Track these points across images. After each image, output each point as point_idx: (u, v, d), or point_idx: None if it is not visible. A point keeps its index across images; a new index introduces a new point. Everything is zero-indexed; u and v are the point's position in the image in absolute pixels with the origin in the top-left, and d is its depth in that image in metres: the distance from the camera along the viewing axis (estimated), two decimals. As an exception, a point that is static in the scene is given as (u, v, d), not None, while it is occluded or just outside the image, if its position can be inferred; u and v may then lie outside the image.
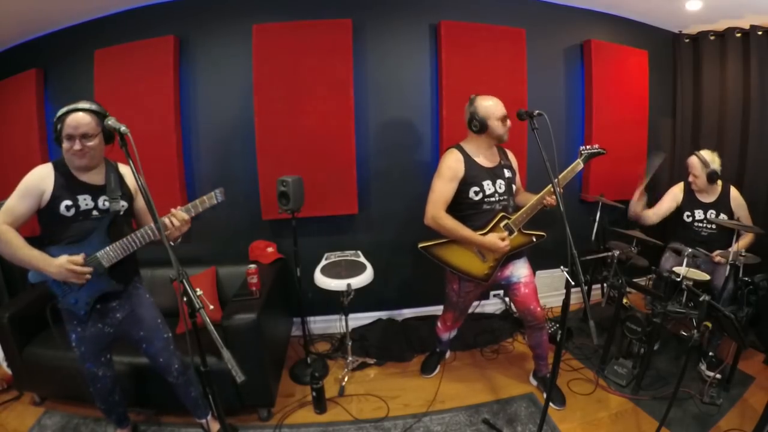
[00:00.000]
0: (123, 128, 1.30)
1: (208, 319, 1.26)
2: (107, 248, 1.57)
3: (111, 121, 1.30)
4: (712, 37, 3.20)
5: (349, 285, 2.33)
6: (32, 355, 2.18)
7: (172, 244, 1.38)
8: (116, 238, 1.58)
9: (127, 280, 1.75)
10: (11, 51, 2.77)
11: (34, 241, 1.56)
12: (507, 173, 2.12)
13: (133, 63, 2.63)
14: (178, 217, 1.58)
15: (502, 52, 2.89)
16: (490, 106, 1.99)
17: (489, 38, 2.86)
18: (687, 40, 3.33)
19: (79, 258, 1.52)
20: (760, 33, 2.94)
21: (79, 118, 1.49)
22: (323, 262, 2.65)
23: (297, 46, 2.67)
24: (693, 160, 2.62)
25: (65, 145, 1.52)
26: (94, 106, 1.53)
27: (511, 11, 2.98)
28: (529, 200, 2.11)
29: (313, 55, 2.68)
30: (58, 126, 1.50)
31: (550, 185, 2.00)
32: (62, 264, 1.48)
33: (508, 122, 2.03)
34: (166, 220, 1.56)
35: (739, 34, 3.06)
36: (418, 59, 2.91)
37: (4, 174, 2.73)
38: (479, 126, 1.99)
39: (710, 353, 2.42)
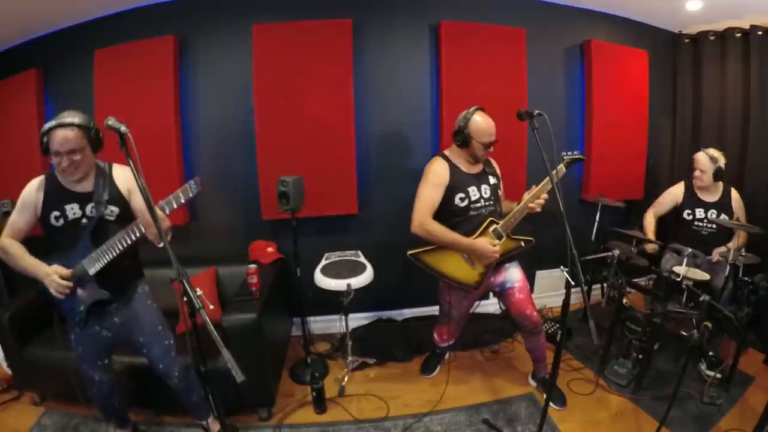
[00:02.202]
0: (123, 128, 1.29)
1: (208, 319, 1.26)
2: (91, 255, 1.57)
3: (111, 121, 1.29)
4: (712, 37, 3.20)
5: (349, 285, 2.34)
6: (32, 355, 2.18)
7: (160, 245, 1.37)
8: (102, 244, 1.58)
9: (123, 288, 1.74)
10: (11, 51, 2.77)
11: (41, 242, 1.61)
12: (492, 179, 2.11)
13: (133, 63, 2.63)
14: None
15: (502, 52, 2.89)
16: (482, 128, 1.96)
17: (489, 38, 2.86)
18: (687, 40, 3.33)
19: (65, 273, 1.55)
20: (760, 33, 2.94)
21: (63, 136, 1.49)
22: (323, 262, 2.65)
23: (297, 46, 2.67)
24: (700, 155, 2.62)
25: (54, 160, 1.53)
26: (77, 119, 1.52)
27: (511, 11, 2.98)
28: (511, 208, 2.10)
29: (313, 55, 2.68)
30: (45, 139, 1.51)
31: (532, 189, 2.01)
32: (48, 273, 1.54)
33: (491, 149, 2.01)
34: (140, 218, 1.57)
35: (739, 34, 3.05)
36: (418, 59, 2.91)
37: (4, 174, 2.73)
38: (461, 141, 1.98)
39: (710, 353, 2.42)
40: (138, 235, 1.56)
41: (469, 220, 2.03)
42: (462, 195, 2.01)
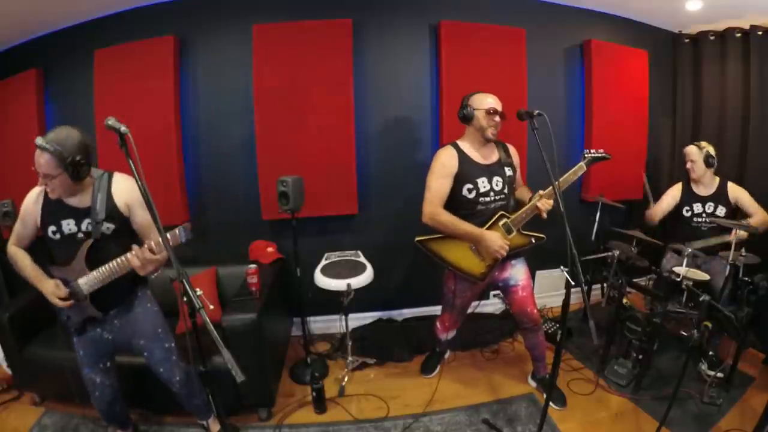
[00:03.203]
0: (123, 128, 1.29)
1: (208, 319, 1.26)
2: (86, 277, 1.57)
3: (111, 121, 1.29)
4: (712, 37, 3.20)
5: (349, 285, 2.34)
6: (32, 355, 2.18)
7: (153, 276, 1.46)
8: (98, 262, 1.56)
9: (122, 299, 1.73)
10: (11, 51, 2.77)
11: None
12: (508, 171, 2.07)
13: (133, 63, 2.63)
14: (139, 255, 1.47)
15: (502, 52, 2.89)
16: (479, 97, 1.98)
17: (489, 38, 2.86)
18: (687, 40, 3.33)
19: (62, 293, 1.57)
20: (760, 33, 2.94)
21: (37, 158, 1.45)
22: (323, 262, 2.65)
23: (297, 46, 2.67)
24: (689, 147, 2.69)
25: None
26: (51, 146, 1.42)
27: (511, 11, 2.98)
28: (525, 196, 2.10)
29: (314, 55, 2.69)
30: None
31: (542, 190, 1.99)
32: (47, 292, 1.57)
33: (497, 118, 1.97)
34: (130, 255, 1.48)
35: (739, 34, 3.05)
36: (418, 59, 2.91)
37: (4, 174, 2.74)
38: (463, 115, 1.99)
39: (710, 353, 2.42)
40: (129, 269, 1.53)
41: (476, 214, 2.01)
42: (470, 186, 1.98)
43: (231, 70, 2.76)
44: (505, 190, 2.05)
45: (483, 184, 2.00)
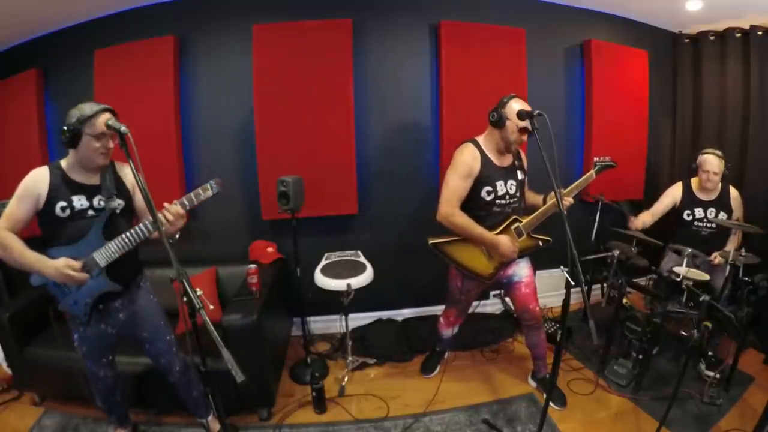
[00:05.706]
0: (123, 128, 1.30)
1: (208, 319, 1.26)
2: (103, 247, 1.56)
3: (111, 121, 1.30)
4: (712, 37, 3.20)
5: (349, 285, 2.34)
6: (32, 355, 2.18)
7: (170, 241, 1.38)
8: (112, 237, 1.57)
9: (128, 280, 1.74)
10: (11, 51, 2.77)
11: (37, 242, 1.57)
12: (520, 175, 2.08)
13: (133, 63, 2.63)
14: (171, 211, 1.54)
15: (502, 52, 2.89)
16: (517, 110, 1.89)
17: (489, 38, 2.86)
18: (687, 40, 3.33)
19: (77, 264, 1.52)
20: (760, 33, 2.94)
21: (102, 117, 1.50)
22: (323, 262, 2.65)
23: (297, 46, 2.67)
24: (711, 158, 2.56)
25: (94, 144, 1.51)
26: (106, 106, 1.54)
27: (511, 11, 2.98)
28: (532, 200, 2.11)
29: (314, 55, 2.69)
30: (84, 125, 1.47)
31: (553, 193, 1.97)
32: (59, 267, 1.49)
33: (525, 137, 1.95)
34: (160, 216, 1.51)
35: (739, 34, 3.05)
36: (418, 59, 2.91)
37: (4, 174, 2.73)
38: (497, 118, 1.91)
39: (710, 353, 2.42)
40: (149, 234, 1.57)
41: (492, 216, 2.02)
42: (489, 188, 1.98)
43: (231, 69, 2.76)
44: (518, 194, 2.07)
45: (501, 187, 2.00)
